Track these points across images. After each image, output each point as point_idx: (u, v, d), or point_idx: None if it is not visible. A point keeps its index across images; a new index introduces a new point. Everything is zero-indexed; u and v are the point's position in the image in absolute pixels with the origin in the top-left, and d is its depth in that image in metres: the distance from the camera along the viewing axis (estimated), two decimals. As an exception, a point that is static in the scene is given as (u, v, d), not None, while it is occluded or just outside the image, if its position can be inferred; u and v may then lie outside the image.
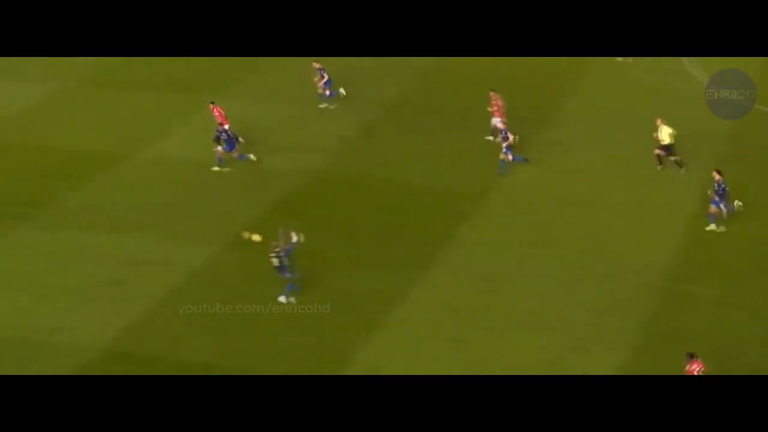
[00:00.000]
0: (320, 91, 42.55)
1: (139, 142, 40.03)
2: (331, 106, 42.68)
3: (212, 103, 39.36)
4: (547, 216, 34.62)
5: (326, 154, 39.07)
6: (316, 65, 42.50)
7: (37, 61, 47.08)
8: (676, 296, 30.12)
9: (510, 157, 37.02)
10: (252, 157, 37.99)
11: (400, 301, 30.09)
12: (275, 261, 29.61)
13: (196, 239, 33.36)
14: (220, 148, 37.75)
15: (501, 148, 37.06)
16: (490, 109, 39.24)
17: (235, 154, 37.87)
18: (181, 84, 45.85)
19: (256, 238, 30.85)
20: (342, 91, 42.66)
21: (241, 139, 37.92)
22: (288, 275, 29.81)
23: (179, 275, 31.43)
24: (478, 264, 31.91)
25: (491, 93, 39.27)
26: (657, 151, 37.24)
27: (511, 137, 36.92)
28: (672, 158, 37.21)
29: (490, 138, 38.84)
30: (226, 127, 38.05)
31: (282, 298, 29.79)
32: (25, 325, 29.36)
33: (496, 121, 38.79)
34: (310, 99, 43.31)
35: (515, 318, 29.22)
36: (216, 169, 37.64)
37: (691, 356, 24.97)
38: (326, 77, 42.38)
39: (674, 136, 36.96)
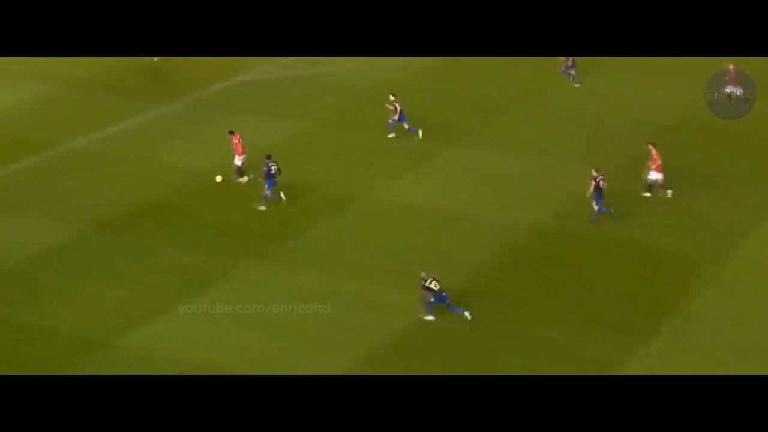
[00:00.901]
0: (391, 120, 43.37)
1: (366, 184, 39.97)
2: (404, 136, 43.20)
3: (231, 132, 39.91)
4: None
5: (556, 208, 37.85)
6: (392, 98, 43.27)
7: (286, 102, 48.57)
8: None
9: (596, 207, 35.93)
10: (283, 197, 37.98)
11: (622, 368, 28.62)
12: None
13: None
14: (245, 178, 38.84)
15: (590, 197, 36.16)
16: (649, 163, 37.95)
17: (267, 192, 37.90)
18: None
19: (219, 179, 38.86)
20: (420, 133, 43.22)
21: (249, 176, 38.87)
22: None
23: (402, 321, 31.10)
24: (708, 336, 30.12)
25: (650, 147, 37.95)
26: None
27: (602, 184, 35.78)
28: None
29: (647, 194, 37.80)
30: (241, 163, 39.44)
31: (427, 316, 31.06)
32: (249, 362, 29.52)
33: (654, 176, 37.71)
34: (544, 151, 42.42)
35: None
36: (262, 208, 37.86)
37: None
38: (398, 109, 43.16)
39: None
